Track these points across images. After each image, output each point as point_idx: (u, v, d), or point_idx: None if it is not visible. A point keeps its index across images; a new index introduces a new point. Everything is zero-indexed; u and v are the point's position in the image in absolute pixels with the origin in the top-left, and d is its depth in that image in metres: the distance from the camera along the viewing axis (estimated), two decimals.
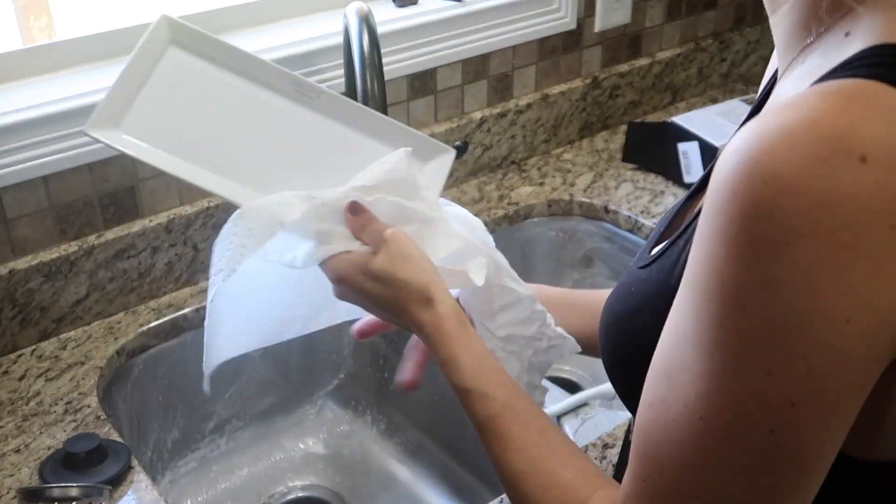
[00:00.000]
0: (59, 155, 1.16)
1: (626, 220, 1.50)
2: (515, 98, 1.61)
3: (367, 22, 1.17)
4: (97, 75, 1.20)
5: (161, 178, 1.26)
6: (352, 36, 1.18)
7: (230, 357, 0.88)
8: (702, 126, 1.55)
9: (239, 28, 1.34)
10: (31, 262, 1.17)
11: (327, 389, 1.46)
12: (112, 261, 1.23)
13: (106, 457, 1.01)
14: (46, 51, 1.20)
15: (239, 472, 1.37)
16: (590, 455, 1.03)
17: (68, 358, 1.19)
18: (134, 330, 1.24)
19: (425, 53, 1.43)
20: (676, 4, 1.79)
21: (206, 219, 1.29)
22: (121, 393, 1.22)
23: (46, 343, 1.21)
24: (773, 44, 0.66)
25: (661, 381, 0.56)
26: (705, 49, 1.86)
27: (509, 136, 1.61)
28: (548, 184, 1.58)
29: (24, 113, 1.12)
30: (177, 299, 1.29)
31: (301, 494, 1.35)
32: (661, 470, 0.56)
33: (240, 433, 1.39)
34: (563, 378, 1.52)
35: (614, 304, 0.71)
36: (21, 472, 1.02)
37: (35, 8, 1.27)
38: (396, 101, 1.45)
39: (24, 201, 1.16)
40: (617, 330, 0.70)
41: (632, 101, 1.77)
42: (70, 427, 1.08)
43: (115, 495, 0.99)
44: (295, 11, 1.39)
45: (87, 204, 1.21)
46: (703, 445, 0.53)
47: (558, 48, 1.63)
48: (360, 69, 1.16)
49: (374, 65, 1.16)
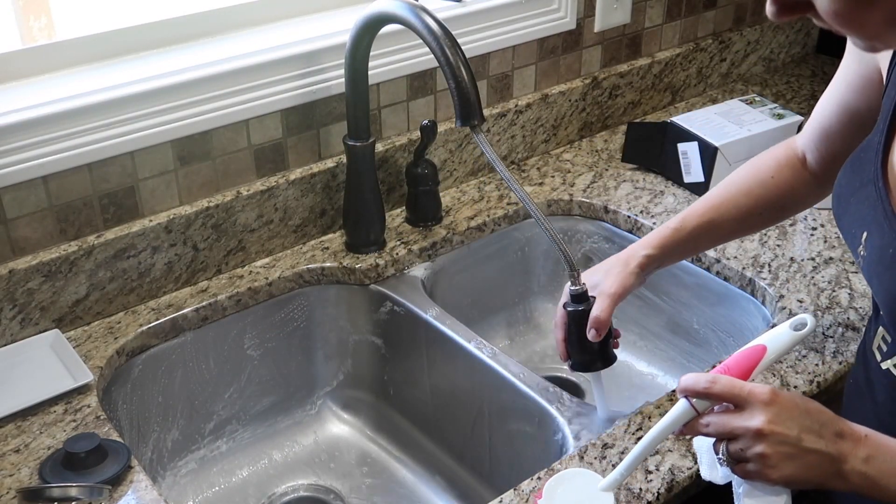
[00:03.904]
0: (59, 155, 1.16)
1: (625, 220, 1.50)
2: (515, 98, 1.61)
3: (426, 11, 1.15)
4: (97, 75, 1.20)
5: (161, 178, 1.26)
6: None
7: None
8: (701, 126, 1.55)
9: (239, 28, 1.34)
10: (31, 262, 1.17)
11: (327, 389, 1.46)
12: (112, 261, 1.23)
13: (106, 457, 1.02)
14: (46, 51, 1.20)
15: (239, 472, 1.37)
16: (589, 455, 1.03)
17: None
18: (134, 330, 1.24)
19: (425, 53, 1.43)
20: (676, 4, 1.79)
21: (206, 219, 1.29)
22: (121, 393, 1.22)
23: None
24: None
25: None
26: (705, 49, 1.86)
27: (509, 136, 1.61)
28: (547, 184, 1.58)
29: (24, 113, 1.12)
30: (177, 299, 1.29)
31: (301, 494, 1.35)
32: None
33: (240, 433, 1.39)
34: (564, 378, 1.52)
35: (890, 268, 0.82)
36: (21, 472, 1.02)
37: (35, 8, 1.27)
38: (396, 101, 1.45)
39: (24, 201, 1.16)
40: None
41: (631, 102, 1.78)
42: (70, 427, 1.08)
43: (114, 495, 0.99)
44: (295, 11, 1.39)
45: (86, 204, 1.21)
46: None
47: (558, 48, 1.63)
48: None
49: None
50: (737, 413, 0.83)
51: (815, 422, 0.82)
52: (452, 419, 1.35)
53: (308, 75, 1.33)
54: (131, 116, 1.20)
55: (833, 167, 1.03)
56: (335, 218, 1.43)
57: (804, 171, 1.14)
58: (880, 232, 0.86)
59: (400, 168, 1.47)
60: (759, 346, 0.87)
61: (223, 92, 1.26)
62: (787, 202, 1.16)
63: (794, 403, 0.83)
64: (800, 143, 1.14)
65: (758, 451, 0.81)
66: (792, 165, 1.14)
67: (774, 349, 0.87)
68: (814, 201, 1.18)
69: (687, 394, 0.85)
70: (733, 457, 0.84)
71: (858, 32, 0.69)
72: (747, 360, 0.87)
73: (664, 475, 1.00)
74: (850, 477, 0.81)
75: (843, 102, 1.02)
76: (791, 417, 0.82)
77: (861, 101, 1.00)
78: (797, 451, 0.81)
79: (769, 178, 1.15)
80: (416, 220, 1.46)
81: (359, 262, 1.37)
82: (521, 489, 0.99)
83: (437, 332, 1.29)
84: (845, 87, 1.01)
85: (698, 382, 0.84)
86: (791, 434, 0.81)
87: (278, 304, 1.36)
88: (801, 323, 0.88)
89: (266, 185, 1.34)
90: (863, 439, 0.82)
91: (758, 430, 0.81)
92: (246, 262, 1.37)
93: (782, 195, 1.15)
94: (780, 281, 1.32)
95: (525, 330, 1.60)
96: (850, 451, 0.82)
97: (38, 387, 1.12)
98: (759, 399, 0.82)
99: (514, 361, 1.22)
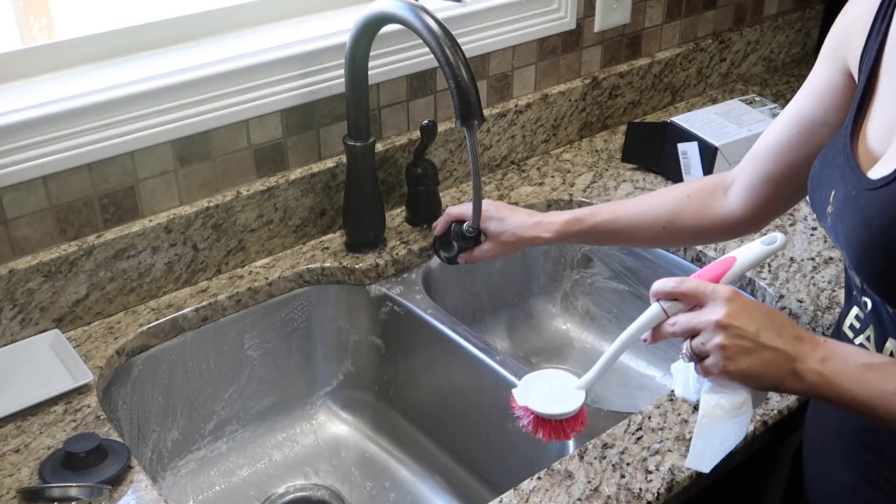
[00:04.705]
0: (59, 155, 1.16)
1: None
2: (515, 98, 1.61)
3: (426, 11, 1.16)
4: (97, 75, 1.20)
5: (161, 178, 1.26)
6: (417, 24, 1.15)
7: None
8: (701, 126, 1.55)
9: (239, 28, 1.34)
10: (31, 262, 1.17)
11: (327, 389, 1.46)
12: (112, 261, 1.23)
13: (106, 457, 1.01)
14: (46, 51, 1.20)
15: (239, 472, 1.37)
16: (589, 455, 1.03)
17: None
18: (134, 330, 1.24)
19: (425, 53, 1.43)
20: (676, 4, 1.79)
21: (206, 219, 1.29)
22: (121, 393, 1.22)
23: None
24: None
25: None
26: (705, 49, 1.86)
27: (509, 136, 1.61)
28: (547, 184, 1.58)
29: (24, 113, 1.12)
30: (177, 299, 1.29)
31: (301, 494, 1.35)
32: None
33: (240, 433, 1.39)
34: None
35: (869, 223, 0.83)
36: (21, 472, 1.02)
37: (35, 8, 1.27)
38: (396, 101, 1.45)
39: (24, 201, 1.16)
40: (881, 243, 0.82)
41: (631, 101, 1.78)
42: (70, 427, 1.08)
43: (114, 495, 0.99)
44: (295, 11, 1.39)
45: (86, 204, 1.21)
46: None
47: (558, 48, 1.63)
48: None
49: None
50: (700, 310, 0.86)
51: (775, 323, 0.85)
52: (452, 419, 1.35)
53: (308, 75, 1.33)
54: (131, 116, 1.20)
55: (766, 193, 1.09)
56: (335, 218, 1.43)
57: (723, 198, 1.15)
58: (845, 182, 0.89)
59: (400, 168, 1.47)
60: (730, 258, 0.91)
61: (223, 92, 1.26)
62: (696, 222, 1.17)
63: (756, 305, 0.86)
64: (733, 171, 1.16)
65: (716, 342, 0.84)
66: (712, 191, 1.16)
67: (744, 260, 0.91)
68: (731, 232, 1.18)
69: (658, 297, 0.89)
70: (695, 352, 0.87)
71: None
72: (717, 269, 0.91)
73: (664, 475, 1.00)
74: (807, 376, 0.84)
75: (800, 113, 1.05)
76: (750, 315, 0.85)
77: (818, 112, 1.02)
78: (754, 346, 0.84)
79: (684, 196, 1.18)
80: (416, 220, 1.46)
81: (359, 262, 1.37)
82: (521, 489, 0.99)
83: (437, 332, 1.29)
84: (805, 97, 1.04)
85: (667, 284, 0.88)
86: (749, 329, 0.84)
87: (278, 304, 1.36)
88: (773, 239, 0.92)
89: (266, 185, 1.34)
90: (820, 343, 0.85)
91: (717, 321, 0.84)
92: (246, 262, 1.37)
93: (693, 214, 1.17)
94: (780, 281, 1.32)
95: (525, 330, 1.60)
96: (806, 351, 0.84)
97: (38, 387, 1.12)
98: (721, 295, 0.85)
99: (514, 361, 1.22)
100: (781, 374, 0.84)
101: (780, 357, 0.84)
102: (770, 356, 0.84)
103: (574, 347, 1.58)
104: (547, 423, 0.95)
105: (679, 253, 1.43)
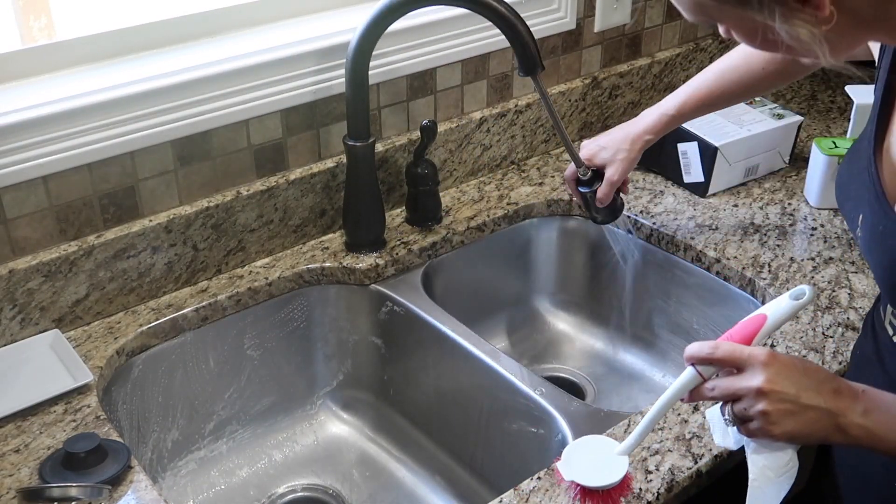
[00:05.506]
0: (59, 155, 1.16)
1: (625, 220, 1.50)
2: (515, 98, 1.61)
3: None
4: (97, 75, 1.20)
5: (161, 178, 1.26)
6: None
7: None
8: (701, 126, 1.54)
9: (239, 28, 1.34)
10: (31, 262, 1.17)
11: (327, 389, 1.46)
12: (112, 261, 1.23)
13: (106, 457, 1.02)
14: (46, 51, 1.20)
15: (239, 472, 1.37)
16: None
17: None
18: (134, 330, 1.24)
19: (425, 53, 1.43)
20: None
21: (206, 219, 1.29)
22: (121, 393, 1.22)
23: None
24: None
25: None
26: (705, 49, 1.86)
27: (509, 136, 1.61)
28: (547, 184, 1.58)
29: (24, 113, 1.12)
30: (177, 299, 1.29)
31: (301, 494, 1.35)
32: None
33: (240, 433, 1.39)
34: (564, 378, 1.52)
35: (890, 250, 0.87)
36: (21, 472, 1.02)
37: (35, 8, 1.27)
38: (396, 101, 1.45)
39: (24, 201, 1.16)
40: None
41: (631, 102, 1.78)
42: (70, 427, 1.08)
43: (114, 495, 0.99)
44: (295, 11, 1.39)
45: (86, 204, 1.21)
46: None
47: (558, 48, 1.63)
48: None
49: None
50: (739, 375, 0.87)
51: (813, 380, 0.86)
52: (452, 419, 1.35)
53: (308, 75, 1.33)
54: (131, 116, 1.20)
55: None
56: (335, 218, 1.43)
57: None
58: (872, 212, 0.90)
59: (400, 168, 1.47)
60: (760, 315, 0.91)
61: (223, 92, 1.26)
62: (778, 82, 1.35)
63: (792, 363, 0.86)
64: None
65: (760, 409, 0.85)
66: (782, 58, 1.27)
67: (774, 317, 0.91)
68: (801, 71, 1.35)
69: (692, 361, 0.89)
70: (738, 417, 0.87)
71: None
72: (748, 329, 0.90)
73: (664, 475, 1.00)
74: (850, 430, 0.84)
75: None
76: (789, 376, 0.85)
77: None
78: (797, 408, 0.84)
79: (759, 69, 1.29)
80: (416, 220, 1.46)
81: (359, 262, 1.37)
82: (521, 489, 0.99)
83: (437, 332, 1.29)
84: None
85: (702, 349, 0.88)
86: (790, 392, 0.84)
87: (278, 304, 1.36)
88: (801, 293, 0.91)
89: (266, 185, 1.34)
90: (860, 394, 0.86)
91: (758, 388, 0.84)
92: (246, 262, 1.37)
93: (771, 83, 1.33)
94: (780, 281, 1.32)
95: (525, 330, 1.60)
96: (847, 405, 0.85)
97: (38, 387, 1.12)
98: (758, 360, 0.85)
99: (514, 361, 1.22)
100: (826, 431, 0.85)
101: (823, 415, 0.84)
102: (813, 416, 0.84)
103: (574, 347, 1.58)
104: (595, 494, 0.94)
105: (679, 254, 1.43)
